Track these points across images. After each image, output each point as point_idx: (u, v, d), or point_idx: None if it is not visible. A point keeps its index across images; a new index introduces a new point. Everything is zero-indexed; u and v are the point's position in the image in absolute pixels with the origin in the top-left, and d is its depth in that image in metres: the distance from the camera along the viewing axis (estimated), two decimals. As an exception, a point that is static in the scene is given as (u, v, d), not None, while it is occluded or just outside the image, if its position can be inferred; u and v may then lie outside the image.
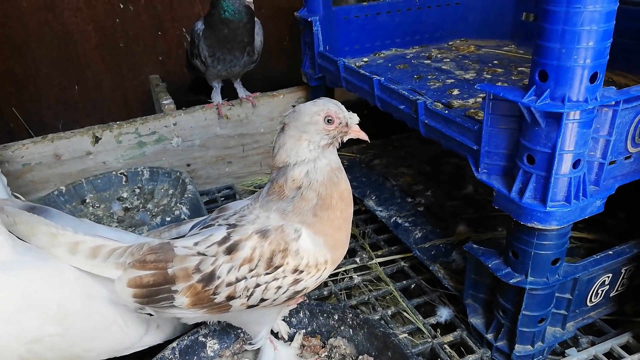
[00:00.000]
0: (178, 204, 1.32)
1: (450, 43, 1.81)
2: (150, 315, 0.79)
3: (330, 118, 0.75)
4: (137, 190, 1.56)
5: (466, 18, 1.83)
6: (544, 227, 0.81)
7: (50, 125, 2.16)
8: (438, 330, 1.08)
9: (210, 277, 0.73)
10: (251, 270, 0.73)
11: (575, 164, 0.79)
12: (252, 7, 1.43)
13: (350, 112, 0.80)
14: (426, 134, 1.08)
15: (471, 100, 1.23)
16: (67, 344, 0.75)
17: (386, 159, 1.75)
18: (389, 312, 1.12)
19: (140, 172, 1.57)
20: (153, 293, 0.73)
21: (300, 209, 0.75)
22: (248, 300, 0.75)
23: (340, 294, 1.19)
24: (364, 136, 0.80)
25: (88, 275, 0.77)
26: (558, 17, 0.70)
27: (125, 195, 1.55)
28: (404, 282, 1.22)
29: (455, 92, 1.29)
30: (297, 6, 2.35)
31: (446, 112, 1.03)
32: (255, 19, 1.57)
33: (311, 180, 0.75)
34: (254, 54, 1.59)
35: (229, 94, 1.77)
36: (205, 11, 2.21)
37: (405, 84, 1.38)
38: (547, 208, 0.80)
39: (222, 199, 1.73)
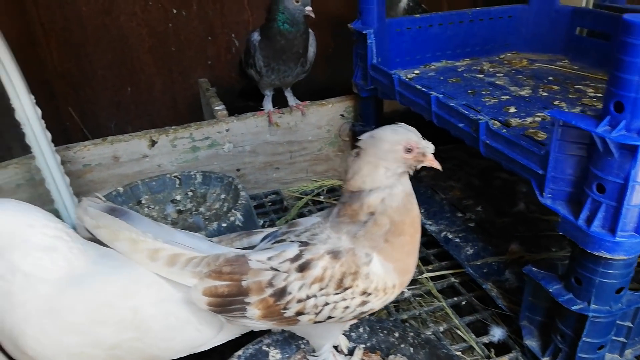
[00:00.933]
0: (233, 210, 1.36)
1: (501, 56, 1.80)
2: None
3: (410, 148, 0.77)
4: (190, 194, 1.60)
5: (518, 31, 1.81)
6: (611, 257, 0.81)
7: (103, 125, 2.24)
8: (492, 350, 1.08)
9: (282, 293, 0.76)
10: (321, 289, 0.76)
11: (648, 195, 0.78)
12: (313, 16, 1.45)
13: (426, 140, 0.81)
14: (486, 154, 1.08)
15: (529, 119, 1.22)
16: (146, 346, 0.79)
17: (434, 171, 1.73)
18: (441, 329, 1.13)
19: (193, 176, 1.61)
20: (227, 303, 0.77)
21: (372, 234, 0.76)
22: (316, 316, 0.77)
23: (391, 307, 1.21)
24: (437, 165, 0.82)
25: (162, 279, 0.80)
26: (637, 50, 0.69)
27: (178, 197, 1.60)
28: (455, 298, 1.23)
29: (512, 109, 1.29)
30: (344, 15, 2.38)
31: (509, 133, 1.04)
32: (310, 30, 1.60)
33: (386, 207, 0.76)
34: (306, 64, 1.62)
35: (279, 102, 1.81)
36: (255, 17, 2.26)
37: (460, 99, 1.38)
38: (617, 238, 0.80)
39: (270, 204, 1.77)
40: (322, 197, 1.78)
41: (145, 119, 2.31)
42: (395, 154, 0.76)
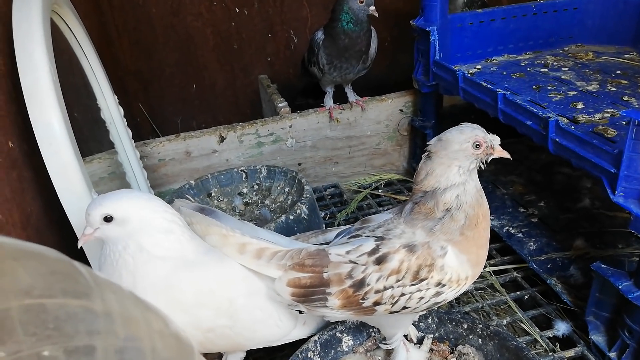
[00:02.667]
0: (299, 204, 1.43)
1: (565, 49, 1.77)
2: (300, 312, 0.89)
3: (478, 143, 0.81)
4: (256, 187, 1.69)
5: (583, 23, 1.77)
6: (688, 256, 0.82)
7: (169, 120, 2.37)
8: (557, 344, 1.10)
9: (360, 284, 0.81)
10: (398, 281, 0.81)
11: None
12: (377, 15, 1.49)
13: (491, 134, 0.85)
14: (555, 152, 1.09)
15: (597, 116, 1.21)
16: (234, 334, 0.87)
17: (494, 166, 1.75)
18: (504, 322, 1.16)
19: (259, 170, 1.69)
20: (309, 293, 0.83)
21: (448, 229, 0.81)
22: (392, 307, 0.82)
23: (452, 299, 1.24)
24: (507, 155, 0.85)
25: (252, 275, 0.88)
26: None
27: (245, 190, 1.68)
28: (518, 292, 1.24)
29: (580, 105, 1.28)
30: (401, 8, 2.39)
31: (579, 131, 1.04)
32: (372, 27, 1.64)
33: (461, 203, 0.80)
34: (367, 61, 1.66)
35: (339, 98, 1.86)
36: (313, 14, 2.32)
37: (525, 95, 1.38)
38: (694, 237, 0.80)
39: (329, 197, 1.83)
40: (380, 190, 1.82)
41: (209, 115, 2.42)
42: (466, 151, 0.80)
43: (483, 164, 0.85)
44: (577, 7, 1.75)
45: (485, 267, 1.32)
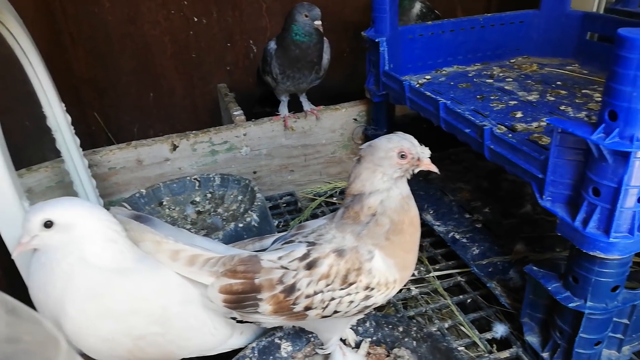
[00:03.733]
0: (249, 212, 1.42)
1: (512, 60, 1.83)
2: (235, 320, 0.89)
3: (403, 153, 0.83)
4: (209, 195, 1.68)
5: (529, 36, 1.84)
6: (606, 257, 0.85)
7: (126, 129, 2.34)
8: (494, 345, 1.13)
9: (291, 289, 0.82)
10: (328, 285, 0.81)
11: (640, 199, 0.82)
12: (321, 30, 1.51)
13: (422, 146, 0.87)
14: (491, 158, 1.13)
15: (534, 124, 1.26)
16: (166, 342, 0.87)
17: (444, 173, 1.79)
18: (446, 325, 1.18)
19: (212, 179, 1.68)
20: (241, 300, 0.83)
21: (374, 233, 0.82)
22: (323, 311, 0.83)
23: (399, 304, 1.26)
24: (434, 169, 0.87)
25: (187, 282, 0.87)
26: (631, 63, 0.74)
27: (198, 199, 1.67)
28: (461, 296, 1.27)
29: (519, 114, 1.33)
30: (358, 20, 2.44)
31: (512, 139, 1.08)
32: (325, 39, 1.66)
33: (385, 208, 0.82)
34: (320, 71, 1.68)
35: (294, 107, 1.87)
36: (272, 24, 2.34)
37: (469, 104, 1.43)
38: (611, 239, 0.84)
39: (284, 205, 1.83)
40: (334, 198, 1.84)
41: (167, 123, 2.40)
42: (390, 160, 0.82)
43: (410, 174, 0.87)
44: (522, 21, 1.82)
45: (429, 272, 1.35)
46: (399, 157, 0.83)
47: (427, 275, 1.33)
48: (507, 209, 1.51)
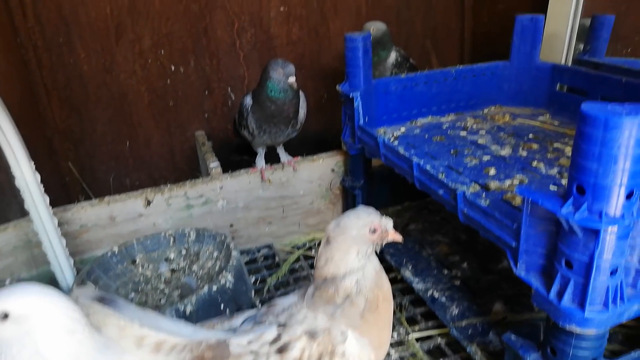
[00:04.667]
0: (224, 272, 1.39)
1: (485, 111, 1.86)
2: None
3: (374, 228, 0.82)
4: (184, 251, 1.64)
5: (501, 87, 1.88)
6: (582, 331, 0.84)
7: (101, 179, 2.30)
8: (476, 414, 1.10)
9: (262, 375, 0.79)
10: (301, 369, 0.79)
11: (613, 272, 0.82)
12: (295, 87, 1.52)
13: (385, 217, 0.87)
14: (464, 222, 1.12)
15: (507, 182, 1.27)
16: None
17: (422, 224, 1.79)
18: (427, 392, 1.15)
19: (187, 234, 1.65)
20: (210, 387, 0.79)
21: (348, 314, 0.80)
22: (297, 395, 0.80)
23: (378, 368, 1.22)
24: (399, 238, 0.87)
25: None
26: (595, 140, 0.74)
27: (172, 255, 1.63)
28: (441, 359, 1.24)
29: (492, 171, 1.34)
30: (336, 66, 2.47)
31: (485, 202, 1.08)
32: (301, 92, 1.67)
33: (361, 288, 0.81)
34: (297, 125, 1.68)
35: (272, 157, 1.87)
36: (250, 72, 2.36)
37: (443, 159, 1.43)
38: (586, 313, 0.83)
39: (262, 258, 1.80)
40: (313, 251, 1.81)
41: (144, 172, 2.37)
42: (363, 237, 0.81)
43: (378, 247, 0.86)
44: (494, 72, 1.86)
45: (408, 334, 1.32)
46: (370, 232, 0.82)
47: (406, 338, 1.30)
48: (486, 264, 1.50)
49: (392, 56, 2.12)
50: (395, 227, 1.81)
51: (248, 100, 1.63)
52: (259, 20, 2.28)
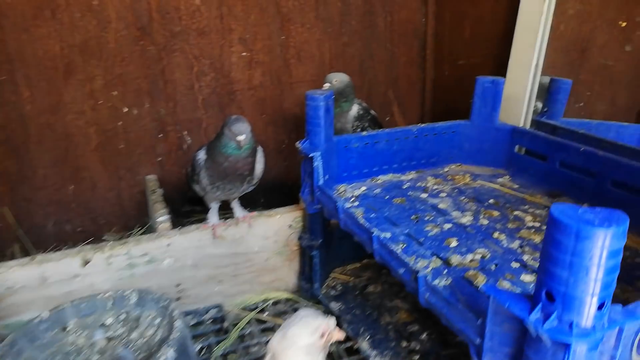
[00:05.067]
0: (166, 346, 1.26)
1: (445, 169, 1.84)
2: None
3: (322, 333, 0.75)
4: (123, 316, 1.49)
5: (461, 145, 1.87)
6: None
7: (39, 224, 2.13)
8: None
9: None
10: None
11: (582, 382, 0.76)
12: (241, 145, 1.44)
13: (328, 317, 0.81)
14: (426, 306, 1.05)
15: (469, 257, 1.22)
16: None
17: (381, 286, 1.72)
18: None
19: (128, 297, 1.51)
20: None
21: None
22: None
23: None
24: (342, 336, 0.83)
25: None
26: (566, 249, 0.69)
27: (109, 321, 1.48)
28: None
29: (454, 242, 1.29)
30: (297, 111, 2.42)
31: (447, 282, 1.02)
32: (259, 147, 1.59)
33: None
34: (253, 180, 1.60)
35: (226, 209, 1.77)
36: (208, 115, 2.27)
37: (403, 226, 1.38)
38: None
39: (210, 321, 1.68)
40: (266, 313, 1.71)
41: (87, 217, 2.21)
42: (314, 344, 0.74)
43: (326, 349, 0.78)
44: (455, 131, 1.85)
45: (365, 419, 1.23)
46: (320, 338, 0.75)
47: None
48: (446, 336, 1.44)
49: (354, 109, 2.08)
50: (353, 289, 1.75)
51: (201, 155, 1.53)
52: (219, 64, 2.21)
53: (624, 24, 2.00)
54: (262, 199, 2.53)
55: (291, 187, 2.59)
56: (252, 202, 1.78)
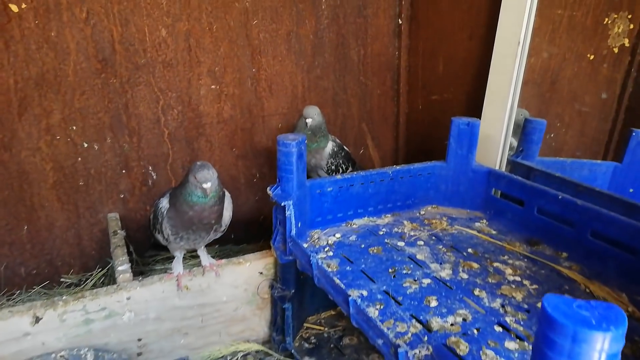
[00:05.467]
0: (121, 422, 1.15)
1: (422, 212, 1.79)
2: None
3: None
4: (77, 380, 1.38)
5: (438, 187, 1.83)
6: None
7: (-11, 268, 1.97)
8: None
9: None
10: None
11: None
12: (207, 193, 1.35)
13: None
14: (407, 383, 0.98)
15: (450, 319, 1.16)
16: None
17: (357, 338, 1.64)
18: None
19: (83, 356, 1.40)
20: None
21: None
22: None
23: None
24: None
25: None
26: (562, 350, 0.64)
27: (62, 386, 1.36)
28: None
29: (433, 302, 1.23)
30: (269, 145, 2.35)
31: (429, 352, 0.95)
32: (226, 194, 1.50)
33: None
34: (220, 229, 1.51)
35: (194, 252, 1.67)
36: (175, 150, 2.17)
37: (381, 282, 1.31)
38: None
39: (175, 378, 1.57)
40: (235, 368, 1.61)
41: (43, 259, 2.06)
42: None
43: None
44: (431, 173, 1.80)
45: None
46: None
47: None
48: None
49: (329, 145, 2.03)
50: (328, 341, 1.66)
51: (164, 203, 1.43)
52: (187, 97, 2.12)
53: (591, 57, 2.01)
54: (232, 234, 2.43)
55: (262, 222, 2.50)
56: (222, 238, 1.68)
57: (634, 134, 1.75)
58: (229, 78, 2.18)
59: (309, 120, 1.91)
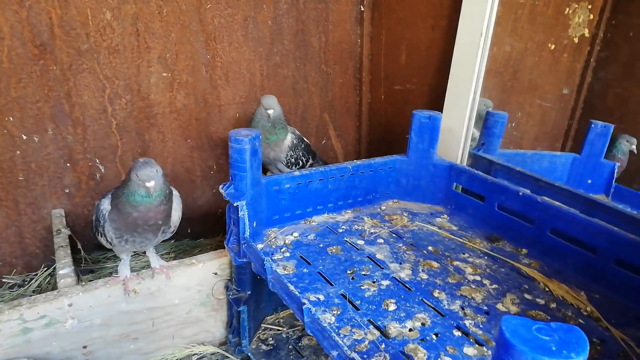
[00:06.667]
0: None
1: (383, 207, 1.75)
2: None
3: None
4: (13, 395, 1.27)
5: (399, 181, 1.79)
6: None
7: None
8: None
9: None
10: None
11: None
12: (151, 192, 1.26)
13: None
14: (362, 398, 0.94)
15: (409, 324, 1.12)
16: None
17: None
18: None
19: (20, 369, 1.29)
20: None
21: None
22: None
23: None
24: None
25: None
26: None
27: (-5, 403, 1.26)
28: None
29: (392, 306, 1.18)
30: (226, 136, 2.24)
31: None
32: (175, 193, 1.41)
33: None
34: (168, 230, 1.42)
35: (139, 256, 1.57)
36: (124, 142, 2.04)
37: (338, 285, 1.26)
38: None
39: (124, 386, 1.48)
40: (189, 374, 1.53)
41: (-21, 260, 1.92)
42: None
43: None
44: (391, 167, 1.76)
45: None
46: None
47: None
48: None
49: (289, 138, 1.95)
50: (287, 341, 1.61)
51: (105, 205, 1.33)
52: (136, 85, 1.99)
53: (552, 47, 2.00)
54: (189, 229, 2.34)
55: (220, 216, 2.41)
56: (178, 232, 1.59)
57: (592, 125, 1.75)
58: (182, 65, 2.05)
59: (270, 112, 1.82)
